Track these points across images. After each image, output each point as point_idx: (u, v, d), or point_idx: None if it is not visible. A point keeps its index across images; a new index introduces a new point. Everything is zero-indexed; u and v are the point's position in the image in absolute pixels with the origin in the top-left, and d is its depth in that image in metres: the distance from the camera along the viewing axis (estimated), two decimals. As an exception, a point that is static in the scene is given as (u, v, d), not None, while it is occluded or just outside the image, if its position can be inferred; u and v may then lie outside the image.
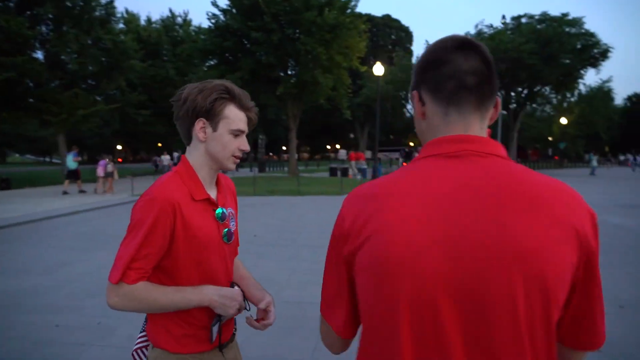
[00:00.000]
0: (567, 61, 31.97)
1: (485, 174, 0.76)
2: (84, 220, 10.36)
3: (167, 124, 37.21)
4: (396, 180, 0.81)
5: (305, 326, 3.93)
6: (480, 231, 0.72)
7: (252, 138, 55.49)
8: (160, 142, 42.16)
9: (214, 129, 1.39)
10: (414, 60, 39.03)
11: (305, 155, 73.87)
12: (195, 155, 1.43)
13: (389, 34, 58.75)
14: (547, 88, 37.35)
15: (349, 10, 23.61)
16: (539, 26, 33.83)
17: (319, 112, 44.06)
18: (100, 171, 16.60)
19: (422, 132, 0.92)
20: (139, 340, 1.47)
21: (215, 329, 1.39)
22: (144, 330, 1.47)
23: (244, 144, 1.43)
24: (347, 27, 22.13)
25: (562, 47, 31.24)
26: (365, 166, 24.52)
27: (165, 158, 29.24)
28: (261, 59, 23.34)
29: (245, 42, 23.74)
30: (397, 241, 0.73)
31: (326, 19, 21.38)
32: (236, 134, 1.41)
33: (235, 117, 1.40)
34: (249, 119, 1.45)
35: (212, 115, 1.38)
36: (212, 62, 26.53)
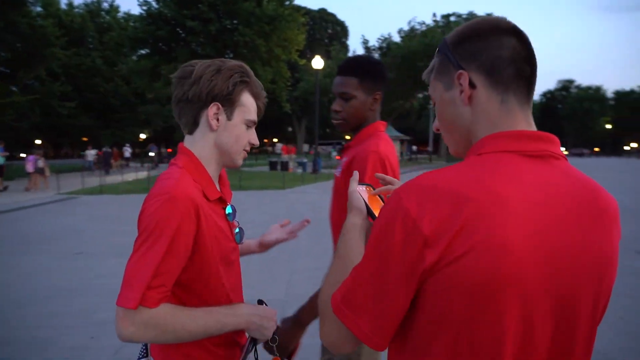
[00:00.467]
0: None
1: (565, 180, 0.74)
2: (6, 221, 9.47)
3: (94, 117, 34.93)
4: (480, 179, 0.70)
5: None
6: (573, 242, 0.70)
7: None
8: (87, 136, 39.57)
9: (229, 117, 1.19)
10: (350, 54, 39.58)
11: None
12: (201, 146, 1.21)
13: (325, 28, 59.08)
14: (475, 84, 39.39)
15: (287, 2, 23.43)
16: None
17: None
18: (29, 167, 15.32)
19: (460, 120, 0.82)
20: (140, 353, 1.25)
21: (251, 358, 1.20)
22: (144, 355, 1.25)
23: (254, 137, 1.26)
24: (286, 19, 21.98)
25: (488, 46, 33.05)
26: (305, 160, 24.57)
27: (90, 153, 25.99)
28: (198, 49, 22.54)
29: (180, 31, 22.81)
30: (508, 256, 0.65)
31: (265, 10, 21.08)
32: (249, 125, 1.24)
33: (250, 105, 1.22)
34: (259, 109, 1.28)
35: (229, 101, 1.18)
36: (143, 52, 25.23)
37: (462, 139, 0.85)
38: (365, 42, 36.38)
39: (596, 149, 74.37)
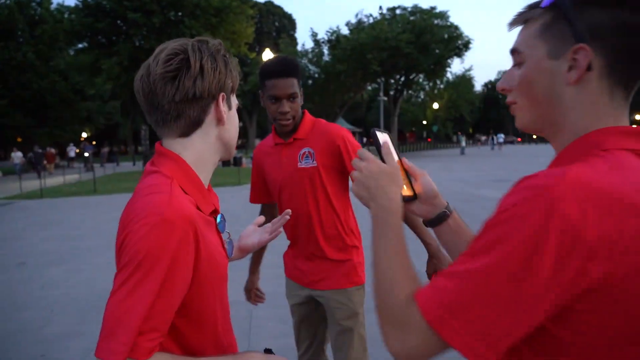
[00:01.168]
0: (437, 51, 34.87)
1: None
2: None
3: (28, 115, 32.68)
4: (632, 182, 0.62)
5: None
6: None
7: (131, 130, 51.55)
8: (21, 136, 37.00)
9: (230, 107, 1.04)
10: (299, 47, 39.42)
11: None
12: (201, 148, 1.01)
13: (273, 21, 58.48)
14: (421, 76, 40.43)
15: (234, -6, 22.91)
16: (412, 17, 36.33)
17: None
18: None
19: (554, 97, 0.72)
20: None
21: None
22: None
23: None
24: (234, 11, 21.49)
25: (433, 38, 33.97)
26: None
27: (17, 155, 22.96)
28: (141, 43, 21.59)
29: (122, 24, 21.73)
30: None
31: (211, 2, 20.50)
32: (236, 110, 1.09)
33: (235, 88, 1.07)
34: None
35: (232, 90, 1.04)
36: (81, 46, 23.84)
37: (545, 117, 0.75)
38: (314, 34, 36.23)
39: (534, 137, 78.70)
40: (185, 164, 0.99)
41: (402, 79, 39.71)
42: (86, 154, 26.96)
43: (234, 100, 1.06)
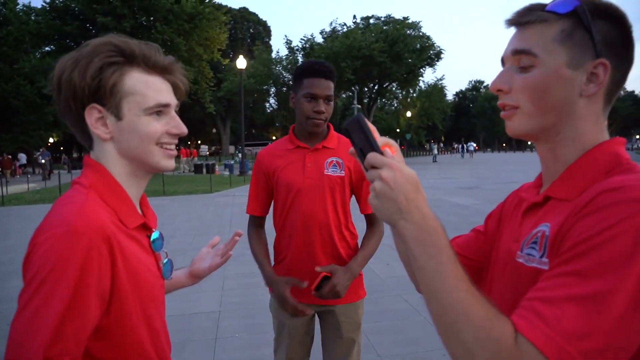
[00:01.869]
0: (410, 60, 35.47)
1: None
2: None
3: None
4: None
5: (192, 340, 3.65)
6: None
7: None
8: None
9: (119, 116, 0.89)
10: (274, 54, 39.43)
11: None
12: (105, 161, 0.93)
13: (247, 28, 58.33)
14: (394, 84, 41.02)
15: (207, 0, 22.76)
16: (385, 27, 36.90)
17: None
18: None
19: (567, 106, 0.72)
20: None
21: None
22: None
23: (174, 123, 0.94)
24: (207, 17, 21.35)
25: (406, 47, 34.55)
26: (231, 162, 24.10)
27: None
28: (111, 47, 21.21)
29: (91, 27, 21.27)
30: None
31: (184, 7, 20.31)
32: (156, 110, 0.91)
33: (145, 87, 0.90)
34: (174, 85, 0.97)
35: (105, 97, 0.88)
36: (48, 49, 23.20)
37: (549, 126, 0.74)
38: (288, 42, 36.34)
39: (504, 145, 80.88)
40: (108, 175, 0.92)
41: (376, 87, 40.20)
42: (42, 161, 23.89)
43: (131, 106, 0.90)
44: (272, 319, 2.02)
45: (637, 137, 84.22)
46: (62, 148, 57.88)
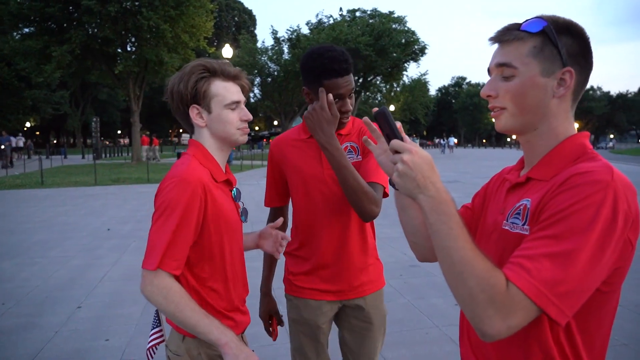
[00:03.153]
0: (395, 54, 35.70)
1: None
2: None
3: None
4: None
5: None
6: None
7: (81, 121, 49.19)
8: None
9: (209, 111, 1.36)
10: (259, 44, 39.12)
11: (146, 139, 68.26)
12: (202, 141, 1.41)
13: (233, 16, 57.64)
14: (379, 78, 41.22)
15: (194, -13, 22.44)
16: (371, 20, 36.98)
17: (158, 93, 41.12)
18: None
19: (542, 107, 0.90)
20: (153, 336, 1.37)
21: None
22: (158, 325, 1.40)
23: (244, 113, 1.39)
24: (194, 4, 21.08)
25: (391, 42, 34.74)
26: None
27: None
28: (95, 31, 20.75)
29: (74, 10, 20.80)
30: None
31: (170, -7, 20.02)
32: (232, 107, 1.37)
33: (224, 91, 1.36)
34: (242, 87, 1.42)
35: (200, 99, 1.34)
36: (28, 30, 22.58)
37: (529, 123, 0.93)
38: (274, 32, 36.08)
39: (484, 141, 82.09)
40: (201, 146, 1.40)
41: (360, 80, 40.36)
42: (2, 147, 20.96)
43: (216, 104, 1.35)
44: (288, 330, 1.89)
45: (611, 136, 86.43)
46: (38, 133, 56.35)
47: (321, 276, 1.76)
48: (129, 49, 23.15)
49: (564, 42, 0.88)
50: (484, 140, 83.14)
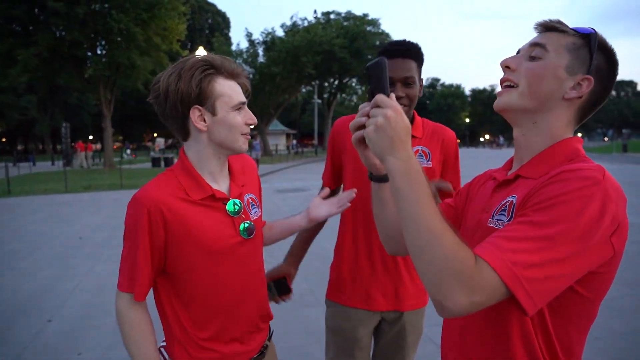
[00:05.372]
0: (370, 56, 35.99)
1: None
2: None
3: None
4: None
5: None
6: None
7: (50, 126, 47.76)
8: None
9: (214, 113, 1.19)
10: (234, 47, 38.90)
11: (118, 144, 66.99)
12: (196, 149, 1.24)
13: (206, 18, 57.03)
14: (354, 80, 41.51)
15: (166, -11, 22.11)
16: (345, 23, 37.22)
17: (130, 98, 40.28)
18: None
19: (551, 100, 0.90)
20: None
21: None
22: None
23: (249, 116, 1.24)
24: (166, 7, 20.74)
25: (366, 44, 35.03)
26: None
27: None
28: (62, 34, 20.19)
29: (40, 12, 20.20)
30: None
31: (142, -5, 19.66)
32: (239, 107, 1.22)
33: (230, 90, 1.20)
34: (243, 86, 1.25)
35: (204, 99, 1.17)
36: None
37: (530, 112, 0.92)
38: (249, 35, 35.94)
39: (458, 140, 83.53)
40: (186, 160, 1.26)
41: (336, 82, 40.51)
42: None
43: (222, 105, 1.19)
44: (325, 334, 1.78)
45: (579, 135, 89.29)
46: (4, 139, 54.60)
47: (367, 283, 1.65)
48: (99, 52, 22.61)
49: (599, 56, 0.90)
50: (459, 140, 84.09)
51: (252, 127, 1.28)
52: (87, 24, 20.07)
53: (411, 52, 1.55)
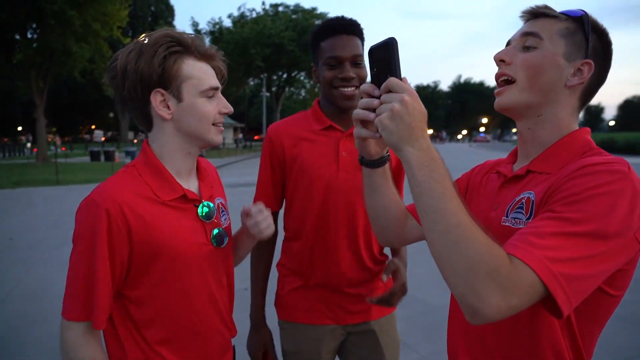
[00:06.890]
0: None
1: None
2: None
3: None
4: None
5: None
6: None
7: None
8: None
9: (179, 99, 1.02)
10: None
11: (52, 137, 62.94)
12: (161, 141, 1.07)
13: (149, 5, 54.65)
14: (303, 73, 41.39)
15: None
16: (294, 16, 36.95)
17: (65, 87, 37.76)
18: None
19: (552, 91, 0.86)
20: None
21: None
22: None
23: (223, 103, 1.08)
24: (105, -10, 19.56)
25: (315, 38, 34.99)
26: (134, 148, 22.71)
27: None
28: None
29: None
30: None
31: (78, -23, 18.40)
32: (210, 94, 1.05)
33: (200, 72, 1.04)
34: (217, 70, 1.09)
35: (168, 81, 1.01)
36: None
37: (534, 105, 0.87)
38: (195, 24, 34.80)
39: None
40: (151, 154, 1.07)
41: (285, 75, 40.21)
42: None
43: (189, 89, 1.03)
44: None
45: (514, 130, 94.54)
46: None
47: (321, 296, 1.48)
48: (29, 36, 21.00)
49: (593, 38, 0.86)
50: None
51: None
52: (15, 6, 18.50)
53: (356, 29, 1.42)
